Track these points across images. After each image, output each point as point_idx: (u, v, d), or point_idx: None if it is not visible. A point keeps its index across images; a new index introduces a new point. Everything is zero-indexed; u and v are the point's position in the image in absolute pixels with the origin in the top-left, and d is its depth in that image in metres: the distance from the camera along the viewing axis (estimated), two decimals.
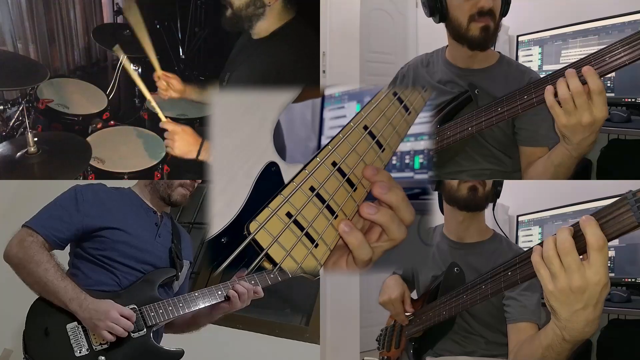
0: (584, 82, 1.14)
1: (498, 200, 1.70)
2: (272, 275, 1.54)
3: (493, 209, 1.70)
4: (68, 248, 1.51)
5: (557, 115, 1.18)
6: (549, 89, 1.20)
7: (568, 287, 0.86)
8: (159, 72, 1.83)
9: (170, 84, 1.82)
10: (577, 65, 1.21)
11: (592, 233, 0.84)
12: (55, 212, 1.47)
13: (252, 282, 1.52)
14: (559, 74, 1.21)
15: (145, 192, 1.61)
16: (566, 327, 0.92)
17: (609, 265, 1.99)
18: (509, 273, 1.16)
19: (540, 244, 0.92)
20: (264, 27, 1.61)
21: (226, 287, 1.50)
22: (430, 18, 1.56)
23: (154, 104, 1.76)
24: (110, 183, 1.61)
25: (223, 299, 1.49)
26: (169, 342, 1.54)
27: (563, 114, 1.16)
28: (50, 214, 1.47)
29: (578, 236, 0.88)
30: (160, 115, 1.70)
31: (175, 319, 1.47)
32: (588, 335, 0.92)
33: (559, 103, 1.17)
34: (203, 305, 1.47)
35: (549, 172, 1.41)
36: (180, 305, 1.45)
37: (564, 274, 0.86)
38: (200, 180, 1.61)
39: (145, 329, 1.40)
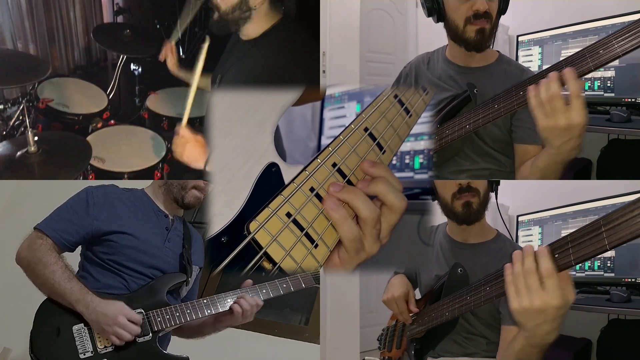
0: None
1: (498, 201, 1.70)
2: (284, 285, 1.54)
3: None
4: (79, 249, 1.51)
5: (536, 118, 1.21)
6: (531, 90, 1.22)
7: (530, 306, 0.97)
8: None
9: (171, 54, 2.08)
10: (570, 60, 1.23)
11: (543, 262, 0.96)
12: (65, 214, 1.47)
13: (264, 290, 1.52)
14: (550, 69, 1.23)
15: (159, 194, 1.59)
16: (530, 336, 1.05)
17: (608, 265, 2.01)
18: None
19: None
20: (251, 29, 1.61)
21: (237, 295, 1.49)
22: (430, 18, 1.58)
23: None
24: (110, 183, 1.60)
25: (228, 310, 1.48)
26: (173, 342, 1.55)
27: (542, 116, 1.20)
28: (61, 216, 1.47)
29: (554, 256, 0.97)
30: (185, 120, 1.71)
31: (183, 324, 1.46)
32: (550, 341, 1.04)
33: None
34: (209, 313, 1.46)
35: (536, 174, 1.43)
36: (188, 311, 1.44)
37: (527, 293, 0.97)
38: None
39: (150, 334, 1.39)
